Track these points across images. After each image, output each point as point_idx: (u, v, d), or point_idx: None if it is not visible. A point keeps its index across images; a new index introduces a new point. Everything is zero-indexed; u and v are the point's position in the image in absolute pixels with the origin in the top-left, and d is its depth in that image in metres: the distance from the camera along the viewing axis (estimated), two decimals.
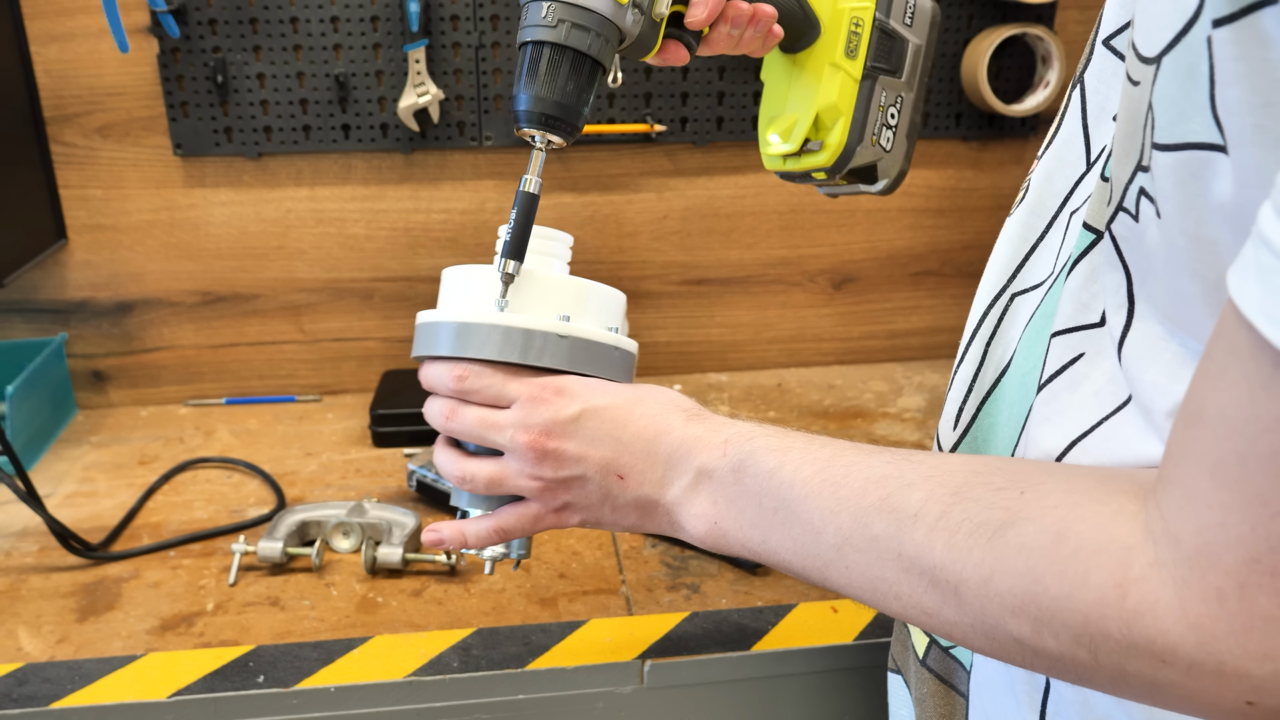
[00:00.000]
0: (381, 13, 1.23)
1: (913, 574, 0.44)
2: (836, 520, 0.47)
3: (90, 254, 1.31)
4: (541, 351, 0.59)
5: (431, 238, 1.35)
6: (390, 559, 0.94)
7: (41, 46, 1.21)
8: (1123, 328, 0.46)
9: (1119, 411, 0.46)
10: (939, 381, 1.44)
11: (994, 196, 1.45)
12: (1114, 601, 0.36)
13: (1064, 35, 1.36)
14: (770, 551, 0.52)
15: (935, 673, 0.63)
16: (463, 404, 0.61)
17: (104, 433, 1.29)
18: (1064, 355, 0.50)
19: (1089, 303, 0.49)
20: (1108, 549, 0.37)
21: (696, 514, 0.55)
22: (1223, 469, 0.33)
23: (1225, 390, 0.33)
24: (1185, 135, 0.37)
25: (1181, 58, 0.37)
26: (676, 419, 0.57)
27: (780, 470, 0.51)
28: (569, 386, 0.58)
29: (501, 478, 0.60)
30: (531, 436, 0.57)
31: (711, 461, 0.54)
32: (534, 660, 0.84)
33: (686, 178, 1.38)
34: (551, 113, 0.58)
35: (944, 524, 0.42)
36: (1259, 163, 0.34)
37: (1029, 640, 0.40)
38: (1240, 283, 0.32)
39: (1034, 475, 0.43)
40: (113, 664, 0.83)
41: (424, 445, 1.19)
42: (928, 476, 0.45)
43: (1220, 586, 0.34)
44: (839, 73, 0.68)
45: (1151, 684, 0.36)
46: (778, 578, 0.96)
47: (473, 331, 0.59)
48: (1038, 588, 0.38)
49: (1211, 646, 0.34)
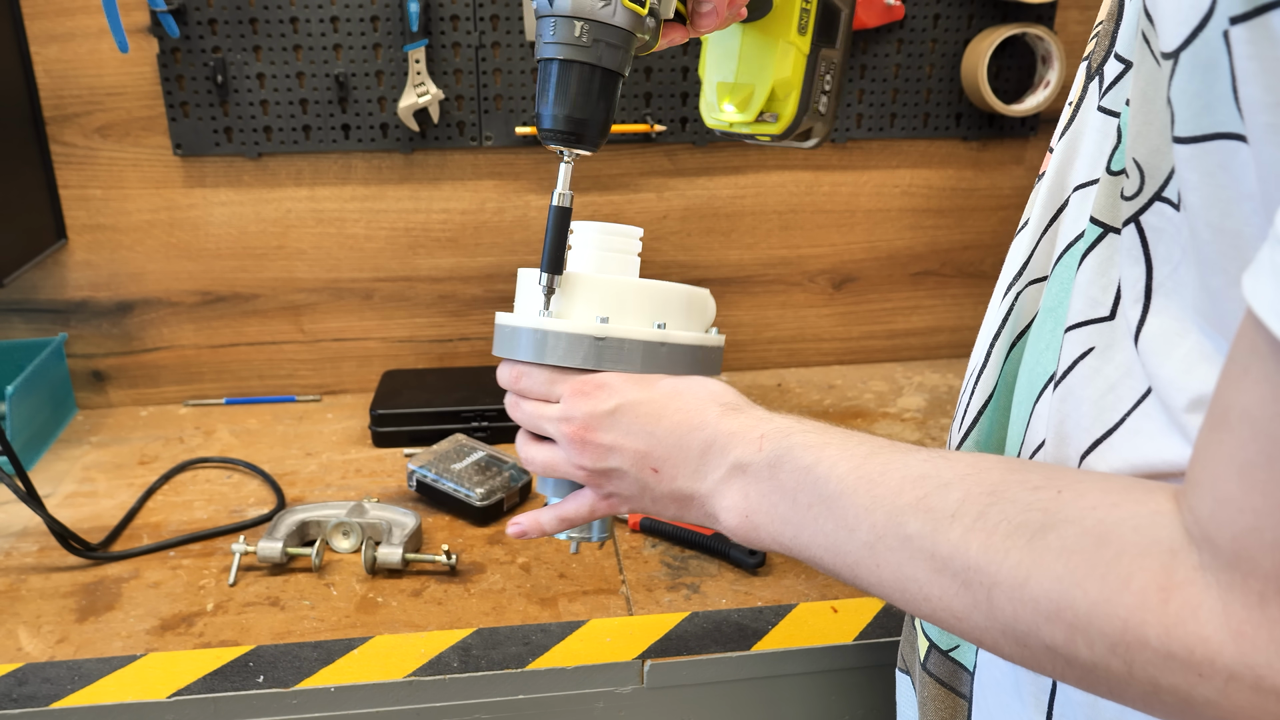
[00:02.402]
0: (381, 13, 1.23)
1: (945, 575, 0.43)
2: (871, 518, 0.47)
3: (90, 254, 1.31)
4: (577, 353, 0.62)
5: (431, 238, 1.35)
6: (390, 559, 0.94)
7: (41, 46, 1.21)
8: (1139, 321, 0.46)
9: (1139, 407, 0.46)
10: (939, 381, 1.44)
11: (994, 196, 1.46)
12: (1156, 606, 0.35)
13: (1064, 35, 1.36)
14: (802, 546, 0.52)
15: (935, 676, 0.63)
16: (519, 398, 0.65)
17: (104, 433, 1.29)
18: (1075, 350, 0.50)
19: (1098, 297, 0.49)
20: (1150, 552, 0.36)
21: (729, 506, 0.55)
22: (1251, 471, 0.33)
23: (1248, 391, 0.33)
24: (1212, 126, 0.37)
25: (1200, 53, 0.37)
26: (712, 413, 0.58)
27: (816, 466, 0.51)
28: (609, 382, 0.61)
29: (553, 464, 0.64)
30: (573, 429, 0.60)
31: (747, 456, 0.55)
32: (534, 660, 0.84)
33: (686, 178, 1.38)
34: (579, 130, 0.60)
35: (981, 525, 0.42)
36: (1272, 161, 0.34)
37: (1062, 648, 0.39)
38: (1255, 285, 0.32)
39: (1069, 476, 0.42)
40: (113, 664, 0.83)
41: (424, 445, 1.19)
42: (964, 475, 0.44)
43: (1262, 591, 0.33)
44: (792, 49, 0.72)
45: (1185, 701, 0.36)
46: (778, 577, 0.96)
47: (519, 336, 0.64)
48: (1076, 591, 0.38)
49: (1251, 657, 0.33)
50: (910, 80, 1.36)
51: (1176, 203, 0.43)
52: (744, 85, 0.73)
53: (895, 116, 1.38)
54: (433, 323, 1.39)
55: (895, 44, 1.35)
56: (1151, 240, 0.45)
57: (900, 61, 1.35)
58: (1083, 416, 0.49)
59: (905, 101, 1.37)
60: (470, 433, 1.20)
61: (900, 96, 1.37)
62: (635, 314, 0.63)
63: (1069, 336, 0.51)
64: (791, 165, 1.40)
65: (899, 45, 1.35)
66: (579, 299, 0.63)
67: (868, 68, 1.35)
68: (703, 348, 0.65)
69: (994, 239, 1.48)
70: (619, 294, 0.63)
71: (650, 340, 0.62)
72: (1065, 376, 0.50)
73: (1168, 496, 0.38)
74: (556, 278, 0.62)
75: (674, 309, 0.64)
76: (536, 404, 0.63)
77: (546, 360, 0.62)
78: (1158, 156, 0.44)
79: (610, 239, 0.67)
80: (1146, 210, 0.45)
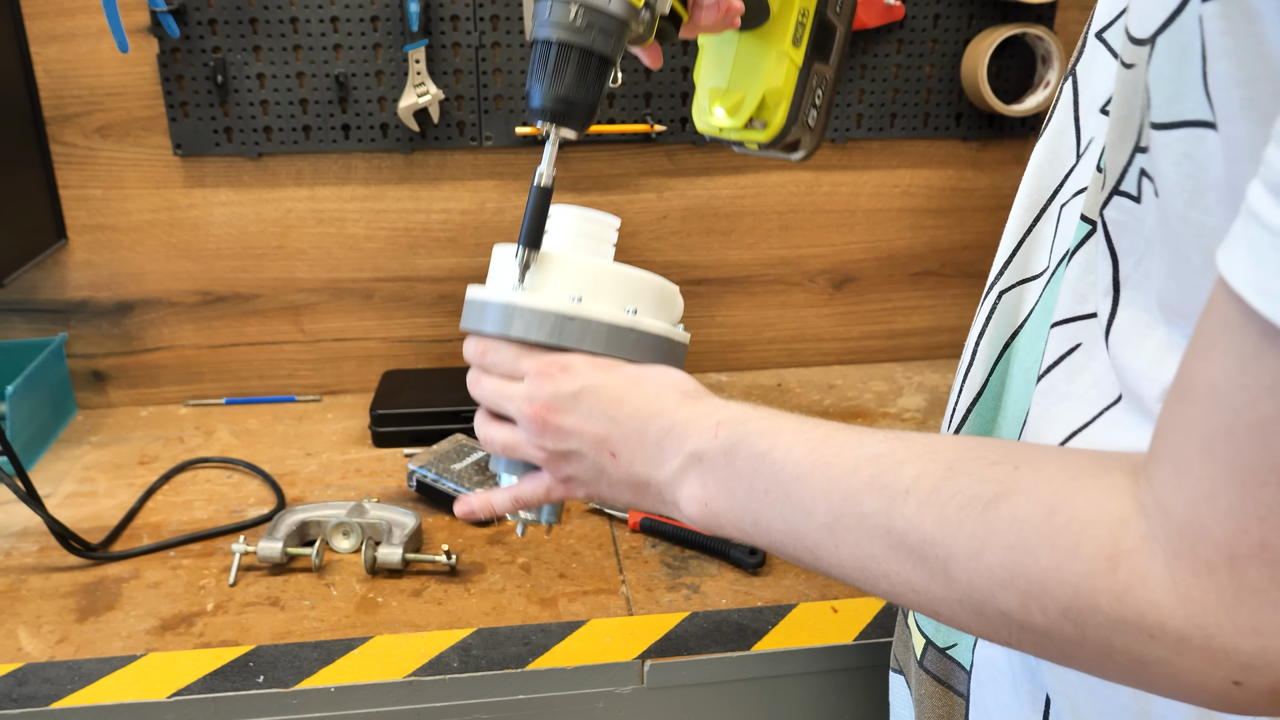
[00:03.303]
0: (381, 13, 1.23)
1: (901, 550, 0.43)
2: (828, 499, 0.47)
3: (90, 254, 1.31)
4: (544, 328, 0.62)
5: (431, 238, 1.35)
6: (390, 559, 0.94)
7: (41, 46, 1.21)
8: (1109, 315, 0.46)
9: (1120, 401, 0.46)
10: (939, 381, 1.44)
11: (994, 196, 1.46)
12: (1104, 574, 0.36)
13: (1064, 35, 1.36)
14: (762, 532, 0.52)
15: (932, 674, 0.63)
16: (485, 375, 0.64)
17: (104, 433, 1.29)
18: (1062, 346, 0.50)
19: (1085, 293, 0.49)
20: (1099, 521, 0.37)
21: (688, 495, 0.55)
22: (1212, 441, 0.33)
23: (1214, 363, 0.33)
24: (1181, 113, 0.38)
25: (1175, 37, 0.37)
26: (671, 400, 0.58)
27: (772, 452, 0.51)
28: (573, 364, 0.60)
29: (513, 444, 0.63)
30: (535, 409, 0.60)
31: (703, 445, 0.55)
32: (534, 660, 0.84)
33: (686, 178, 1.38)
34: (566, 110, 0.61)
35: (935, 498, 0.42)
36: (1247, 136, 0.34)
37: (1016, 614, 0.39)
38: (1229, 258, 0.32)
39: (1029, 451, 0.42)
40: (113, 664, 0.83)
41: (424, 445, 1.19)
42: (919, 454, 0.45)
43: (1210, 559, 0.33)
44: (785, 60, 0.73)
45: (1138, 661, 0.36)
46: (778, 577, 0.96)
47: (488, 309, 0.64)
48: (1028, 560, 0.38)
49: (1200, 620, 0.34)
50: (910, 80, 1.36)
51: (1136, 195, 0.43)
52: (735, 91, 0.74)
53: (895, 116, 1.38)
54: (433, 323, 1.39)
55: (895, 44, 1.35)
56: (1114, 234, 0.46)
57: (900, 61, 1.35)
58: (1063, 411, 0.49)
59: (905, 101, 1.37)
60: (470, 433, 1.21)
61: (900, 96, 1.37)
62: (607, 297, 0.63)
63: (1054, 332, 0.51)
64: (791, 165, 1.40)
65: (899, 45, 1.35)
66: (552, 277, 0.63)
67: (868, 68, 1.35)
68: (669, 340, 0.65)
69: (994, 239, 1.46)
70: (593, 276, 0.63)
71: (619, 324, 0.62)
72: (1049, 371, 0.51)
73: (1124, 470, 0.38)
74: (533, 254, 0.62)
75: (646, 297, 0.64)
76: (499, 382, 0.63)
77: (512, 333, 0.62)
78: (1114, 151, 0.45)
79: (588, 225, 0.67)
80: (1108, 205, 0.45)
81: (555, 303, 0.62)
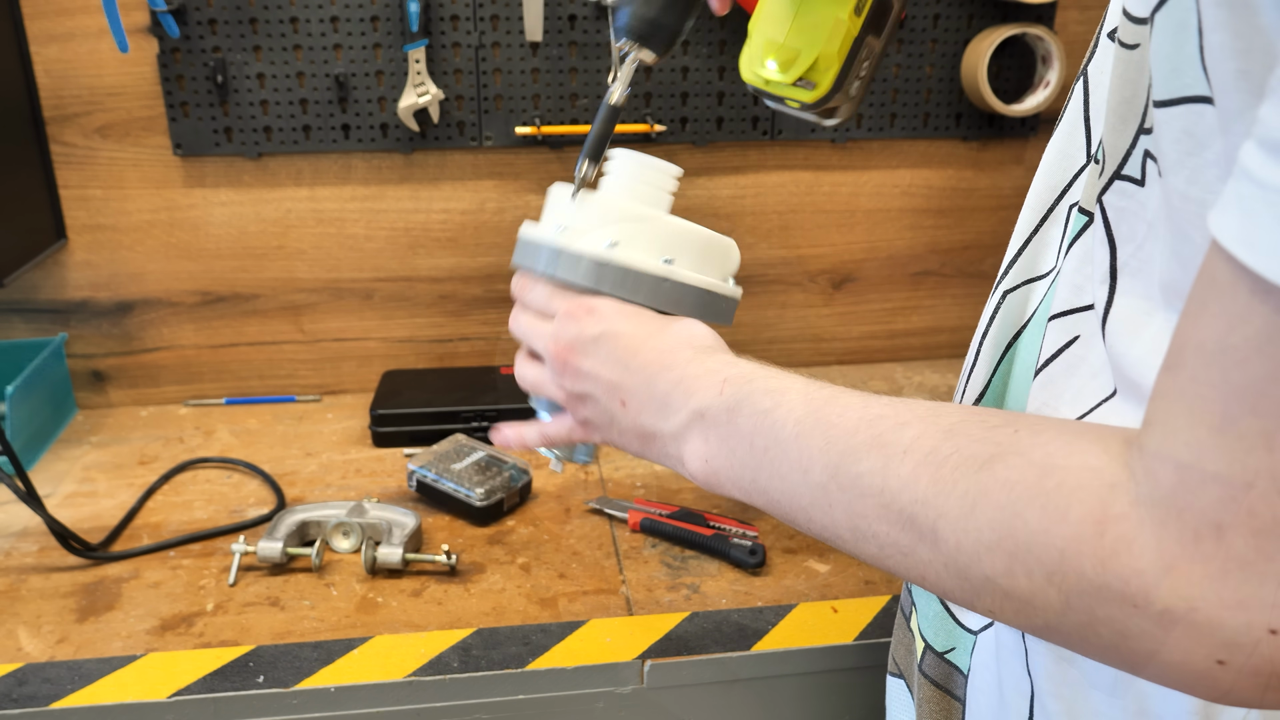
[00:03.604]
0: (381, 13, 1.23)
1: (893, 510, 0.43)
2: (825, 458, 0.47)
3: (90, 254, 1.31)
4: (578, 270, 0.63)
5: (431, 238, 1.35)
6: (390, 559, 0.94)
7: (41, 46, 1.21)
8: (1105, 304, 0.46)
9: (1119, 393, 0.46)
10: (939, 381, 1.44)
11: (994, 196, 1.46)
12: (1091, 538, 0.35)
13: (1064, 35, 1.36)
14: (759, 491, 0.52)
15: (930, 678, 0.63)
16: (522, 311, 0.66)
17: (104, 433, 1.29)
18: (1060, 339, 0.50)
19: (1082, 285, 0.49)
20: (1089, 485, 0.36)
21: (692, 452, 0.55)
22: (1200, 405, 0.33)
23: (1205, 326, 0.33)
24: (1181, 89, 0.37)
25: (1173, 12, 0.37)
26: (684, 354, 0.58)
27: (775, 410, 0.51)
28: (600, 308, 0.61)
29: (539, 382, 0.65)
30: (558, 348, 0.61)
31: (708, 401, 0.55)
32: (534, 660, 0.84)
33: (686, 178, 1.37)
34: (650, 32, 0.63)
35: (932, 458, 0.42)
36: (1242, 109, 0.34)
37: (1001, 579, 0.38)
38: (1220, 218, 0.32)
39: (1029, 418, 0.42)
40: (113, 664, 0.83)
41: (424, 445, 1.19)
42: (922, 417, 0.44)
43: (1196, 528, 0.33)
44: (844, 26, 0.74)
45: (1120, 634, 0.35)
46: (778, 577, 0.96)
47: (530, 248, 0.65)
48: (1017, 522, 0.37)
49: (1185, 591, 0.33)
50: (910, 80, 1.36)
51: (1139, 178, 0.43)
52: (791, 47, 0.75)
53: (895, 116, 1.38)
54: (433, 323, 1.39)
55: (895, 44, 1.34)
56: (1114, 220, 0.45)
57: (900, 61, 1.35)
58: (1062, 404, 0.49)
59: (905, 101, 1.37)
60: (470, 433, 1.20)
61: (900, 96, 1.37)
62: (646, 245, 0.64)
63: (1052, 325, 0.51)
64: (791, 165, 1.40)
65: (899, 45, 1.35)
66: (597, 220, 0.64)
67: None
68: (709, 293, 0.65)
69: (994, 239, 1.48)
70: (636, 223, 0.64)
71: (651, 272, 0.63)
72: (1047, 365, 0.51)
73: (1121, 438, 0.37)
74: (593, 167, 0.64)
75: (689, 249, 0.65)
76: (533, 319, 0.65)
77: (548, 271, 0.63)
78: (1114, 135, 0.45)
79: (647, 172, 0.68)
80: (1108, 190, 0.45)
81: (591, 247, 0.62)
